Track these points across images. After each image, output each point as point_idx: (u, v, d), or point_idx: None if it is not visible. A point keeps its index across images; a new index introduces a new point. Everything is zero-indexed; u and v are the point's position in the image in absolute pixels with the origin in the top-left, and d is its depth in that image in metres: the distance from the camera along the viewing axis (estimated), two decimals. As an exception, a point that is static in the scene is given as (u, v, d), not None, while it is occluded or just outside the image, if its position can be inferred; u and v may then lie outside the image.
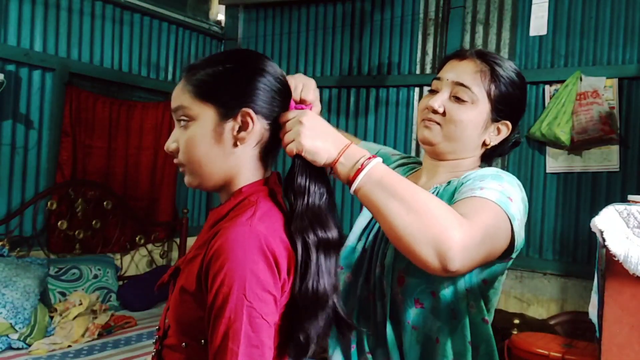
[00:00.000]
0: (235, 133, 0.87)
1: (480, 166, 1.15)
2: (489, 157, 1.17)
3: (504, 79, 1.09)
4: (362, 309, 1.11)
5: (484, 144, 1.12)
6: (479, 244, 0.86)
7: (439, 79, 1.12)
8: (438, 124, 1.09)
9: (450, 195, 1.04)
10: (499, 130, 1.12)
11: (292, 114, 0.90)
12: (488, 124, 1.10)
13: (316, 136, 0.87)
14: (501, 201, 0.93)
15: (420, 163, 1.28)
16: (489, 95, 1.08)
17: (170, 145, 0.90)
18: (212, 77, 0.88)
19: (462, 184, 1.03)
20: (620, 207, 0.90)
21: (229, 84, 0.87)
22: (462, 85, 1.07)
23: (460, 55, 1.13)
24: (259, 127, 0.88)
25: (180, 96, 0.89)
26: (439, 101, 1.09)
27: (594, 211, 0.91)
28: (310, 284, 0.83)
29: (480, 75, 1.08)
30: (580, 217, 3.17)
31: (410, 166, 1.28)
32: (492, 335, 1.05)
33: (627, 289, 0.89)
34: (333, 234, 0.88)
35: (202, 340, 0.83)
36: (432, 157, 1.15)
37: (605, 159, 3.10)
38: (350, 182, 0.89)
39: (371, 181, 0.87)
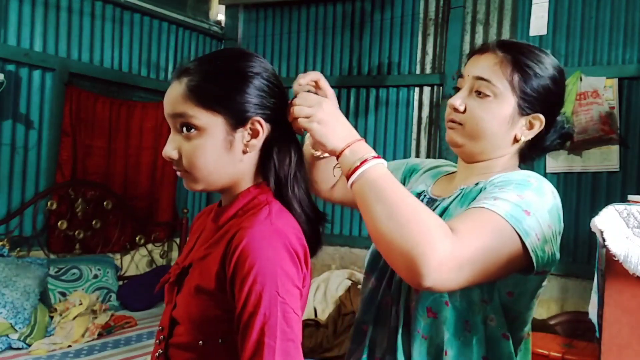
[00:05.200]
0: (246, 141, 0.88)
1: (519, 166, 1.08)
2: (529, 155, 1.08)
3: (528, 68, 1.00)
4: (380, 314, 1.08)
5: (515, 139, 1.03)
6: (466, 264, 0.82)
7: (462, 76, 1.06)
8: (460, 123, 1.03)
9: (472, 199, 0.98)
10: (531, 124, 1.02)
11: (313, 96, 0.92)
12: (516, 118, 1.01)
13: (330, 123, 0.89)
14: (511, 215, 0.87)
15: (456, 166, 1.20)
16: (512, 86, 0.99)
17: (171, 153, 0.88)
18: (216, 84, 0.86)
19: (485, 188, 0.97)
20: (620, 207, 0.90)
21: (236, 91, 0.86)
22: (481, 79, 1.00)
23: (481, 49, 1.06)
24: (266, 133, 0.89)
25: (181, 103, 0.85)
26: (460, 99, 1.03)
27: (594, 211, 0.91)
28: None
29: (501, 66, 1.00)
30: (580, 217, 3.17)
31: (442, 170, 1.19)
32: (513, 352, 0.97)
33: (627, 289, 0.89)
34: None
35: (220, 339, 0.85)
36: (463, 160, 1.08)
37: (605, 159, 3.09)
38: (348, 176, 0.89)
39: (366, 179, 0.87)
